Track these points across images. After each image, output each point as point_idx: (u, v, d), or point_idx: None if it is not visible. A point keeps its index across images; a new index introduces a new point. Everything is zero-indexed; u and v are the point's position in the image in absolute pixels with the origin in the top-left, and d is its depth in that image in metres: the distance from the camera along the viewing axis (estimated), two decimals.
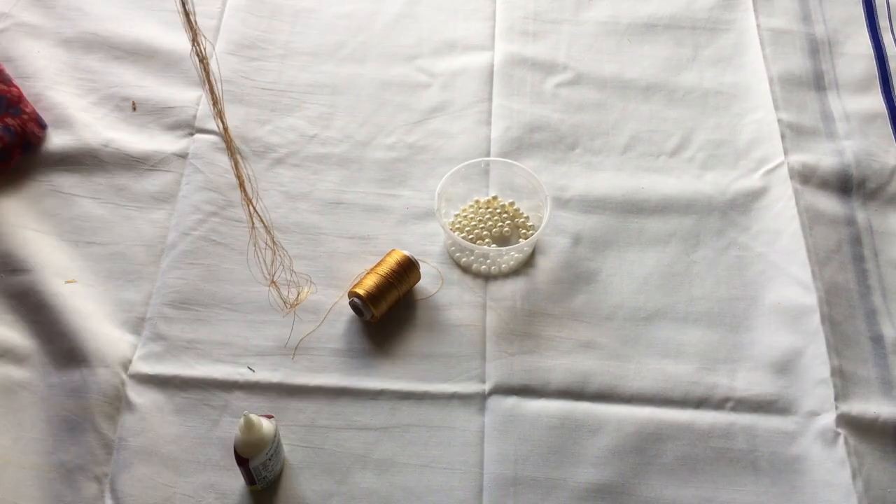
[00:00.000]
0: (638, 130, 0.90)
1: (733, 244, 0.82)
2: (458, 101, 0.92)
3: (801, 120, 0.90)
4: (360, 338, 0.76)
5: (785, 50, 0.96)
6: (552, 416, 0.71)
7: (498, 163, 0.85)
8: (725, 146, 0.89)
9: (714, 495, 0.68)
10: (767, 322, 0.77)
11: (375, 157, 0.88)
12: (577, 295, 0.79)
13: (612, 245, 0.82)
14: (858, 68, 0.95)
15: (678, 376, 0.74)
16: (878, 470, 0.68)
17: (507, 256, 0.80)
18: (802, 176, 0.85)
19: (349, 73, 0.94)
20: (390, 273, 0.75)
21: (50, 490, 0.67)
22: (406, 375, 0.73)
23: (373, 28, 0.98)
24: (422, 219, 0.83)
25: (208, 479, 0.68)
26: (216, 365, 0.73)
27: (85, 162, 0.85)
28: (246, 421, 0.61)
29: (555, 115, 0.91)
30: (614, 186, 0.86)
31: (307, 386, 0.73)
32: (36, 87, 0.90)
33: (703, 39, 0.98)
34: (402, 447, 0.70)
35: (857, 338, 0.76)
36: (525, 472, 0.69)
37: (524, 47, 0.97)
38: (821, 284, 0.77)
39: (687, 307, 0.78)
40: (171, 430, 0.70)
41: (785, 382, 0.73)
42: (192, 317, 0.76)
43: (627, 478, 0.69)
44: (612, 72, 0.95)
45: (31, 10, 0.97)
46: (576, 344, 0.76)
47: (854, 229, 0.83)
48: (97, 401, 0.70)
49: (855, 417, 0.70)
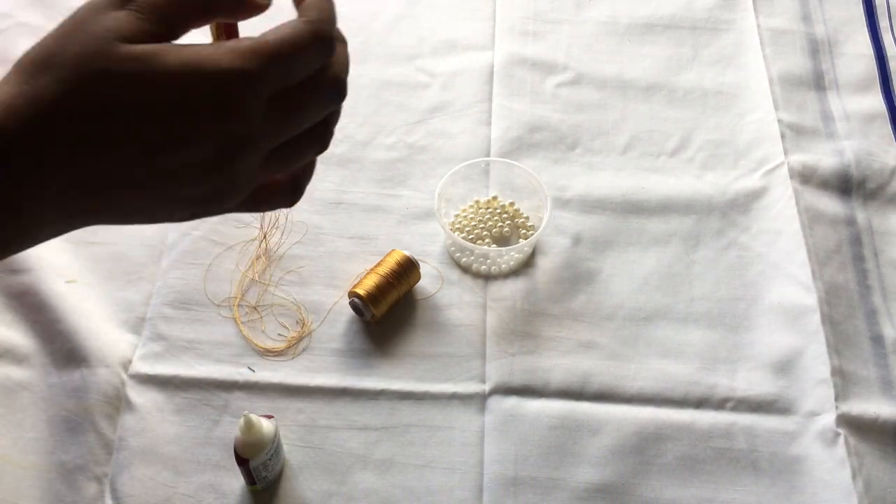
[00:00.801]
0: (638, 130, 0.91)
1: (733, 244, 0.82)
2: (458, 101, 0.92)
3: (801, 120, 0.90)
4: (360, 338, 0.76)
5: (785, 50, 0.96)
6: (552, 416, 0.71)
7: (498, 163, 0.85)
8: (725, 146, 0.89)
9: (714, 495, 0.68)
10: (767, 322, 0.77)
11: (375, 157, 0.88)
12: (577, 295, 0.79)
13: (613, 245, 0.82)
14: (858, 68, 0.95)
15: (678, 376, 0.74)
16: (878, 470, 0.68)
17: (507, 256, 0.80)
18: (802, 176, 0.85)
19: (349, 73, 0.94)
20: (390, 273, 0.75)
21: (50, 490, 0.67)
22: (406, 375, 0.73)
23: (373, 28, 0.99)
24: (422, 219, 0.83)
25: (208, 479, 0.68)
26: (216, 365, 0.73)
27: None
28: (246, 421, 0.61)
29: (555, 115, 0.91)
30: (614, 186, 0.86)
31: (307, 386, 0.73)
32: None
33: (703, 39, 0.99)
34: (402, 447, 0.70)
35: (858, 338, 0.76)
36: (525, 472, 0.69)
37: (524, 47, 0.97)
38: (821, 284, 0.77)
39: (687, 307, 0.78)
40: (171, 430, 0.70)
41: (785, 382, 0.73)
42: (193, 317, 0.76)
43: (627, 478, 0.69)
44: (612, 72, 0.95)
45: (32, 10, 0.97)
46: (576, 344, 0.76)
47: (854, 229, 0.83)
48: (97, 401, 0.70)
49: (855, 417, 0.70)
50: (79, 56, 0.36)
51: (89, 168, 0.37)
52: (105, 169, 0.37)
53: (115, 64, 0.36)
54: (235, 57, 0.36)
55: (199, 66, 0.36)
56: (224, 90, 0.36)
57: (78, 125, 0.36)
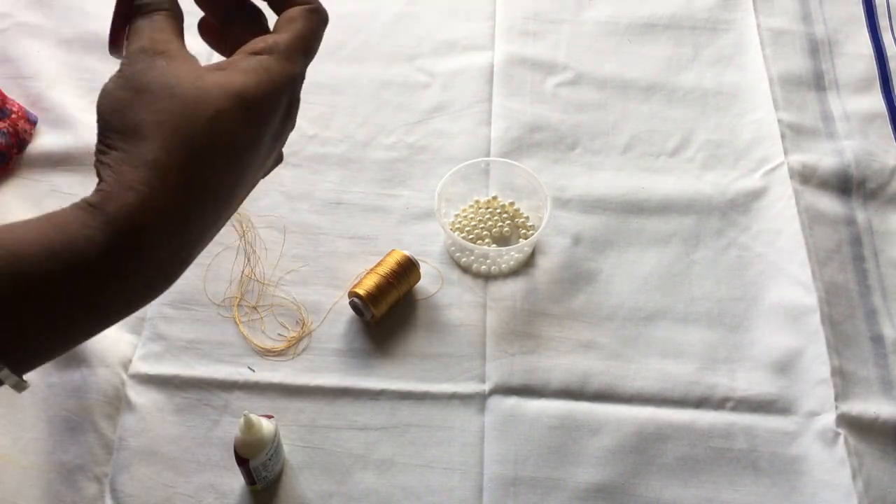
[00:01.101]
0: (638, 130, 0.91)
1: (733, 244, 0.82)
2: (458, 101, 0.92)
3: (801, 120, 0.90)
4: (360, 338, 0.76)
5: (785, 50, 0.96)
6: (552, 416, 0.71)
7: (498, 163, 0.85)
8: (725, 146, 0.89)
9: (714, 495, 0.68)
10: (767, 322, 0.77)
11: (375, 157, 0.88)
12: (577, 295, 0.79)
13: (612, 245, 0.82)
14: (858, 68, 0.95)
15: (678, 376, 0.74)
16: (878, 470, 0.68)
17: (507, 256, 0.80)
18: (802, 176, 0.85)
19: (349, 73, 0.94)
20: (390, 273, 0.75)
21: (50, 490, 0.67)
22: (406, 375, 0.73)
23: (373, 28, 0.99)
24: (422, 219, 0.83)
25: (208, 479, 0.68)
26: (216, 365, 0.73)
27: (85, 162, 0.85)
28: (246, 421, 0.61)
29: (555, 115, 0.91)
30: (614, 186, 0.86)
31: (307, 386, 0.73)
32: (36, 88, 0.90)
33: (703, 39, 0.99)
34: (402, 447, 0.70)
35: (857, 338, 0.76)
36: (525, 472, 0.69)
37: (524, 47, 0.97)
38: (821, 284, 0.77)
39: (687, 307, 0.78)
40: (171, 430, 0.70)
41: (785, 382, 0.73)
42: (193, 317, 0.76)
43: (627, 478, 0.69)
44: (612, 72, 0.95)
45: (32, 10, 0.97)
46: (576, 344, 0.76)
47: (854, 229, 0.83)
48: (97, 401, 0.70)
49: (855, 417, 0.70)
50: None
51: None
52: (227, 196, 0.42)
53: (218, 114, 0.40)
54: (288, 63, 0.42)
55: (273, 84, 0.41)
56: (291, 95, 0.43)
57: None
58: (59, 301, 0.36)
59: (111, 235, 0.36)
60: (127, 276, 0.37)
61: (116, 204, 0.36)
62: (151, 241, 0.37)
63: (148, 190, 0.37)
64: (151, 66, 0.40)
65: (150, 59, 0.40)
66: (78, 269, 0.36)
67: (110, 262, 0.36)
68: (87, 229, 0.36)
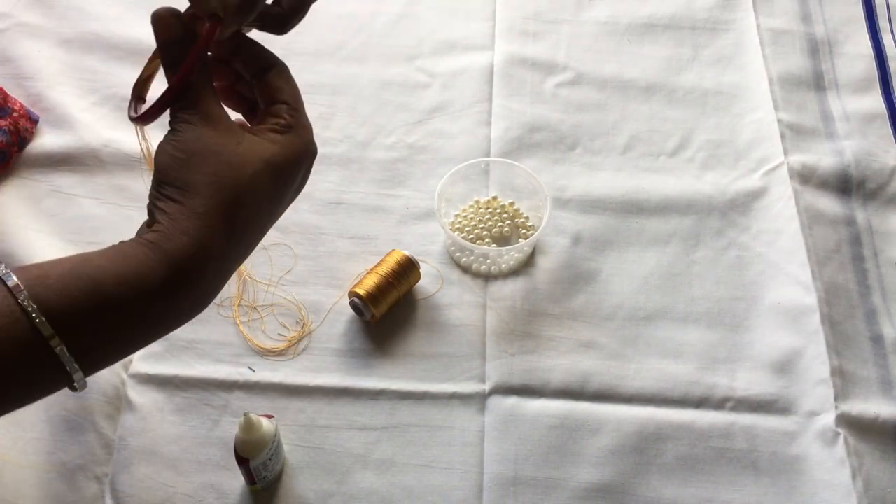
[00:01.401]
0: (638, 130, 0.91)
1: (733, 244, 0.82)
2: (458, 101, 0.92)
3: (801, 120, 0.90)
4: (360, 338, 0.76)
5: (785, 50, 0.96)
6: (552, 416, 0.71)
7: (498, 163, 0.85)
8: (725, 146, 0.89)
9: (714, 495, 0.68)
10: (767, 322, 0.77)
11: (375, 157, 0.88)
12: (577, 295, 0.79)
13: (612, 245, 0.82)
14: (858, 68, 0.95)
15: (678, 376, 0.74)
16: (878, 470, 0.68)
17: (507, 256, 0.80)
18: (802, 176, 0.85)
19: (349, 73, 0.94)
20: (390, 273, 0.75)
21: (50, 490, 0.67)
22: (406, 375, 0.74)
23: (373, 28, 0.99)
24: (422, 219, 0.83)
25: (208, 479, 0.68)
26: (216, 365, 0.73)
27: (85, 162, 0.85)
28: (246, 421, 0.61)
29: (555, 115, 0.91)
30: (614, 186, 0.86)
31: (307, 386, 0.73)
32: (36, 88, 0.90)
33: (703, 39, 0.99)
34: (402, 447, 0.70)
35: (857, 338, 0.76)
36: (525, 472, 0.69)
37: (524, 47, 0.97)
38: (821, 284, 0.77)
39: (687, 307, 0.78)
40: (171, 429, 0.70)
41: (785, 382, 0.73)
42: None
43: (627, 478, 0.69)
44: (612, 72, 0.95)
45: (32, 10, 0.97)
46: (576, 344, 0.76)
47: (854, 229, 0.83)
48: (97, 401, 0.70)
49: (855, 417, 0.70)
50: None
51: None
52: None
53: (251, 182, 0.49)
54: (309, 139, 0.53)
55: (295, 155, 0.52)
56: (309, 161, 0.54)
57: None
58: (128, 319, 0.45)
59: (169, 269, 0.45)
60: (178, 300, 0.46)
61: (173, 245, 0.45)
62: (199, 274, 0.47)
63: (199, 236, 0.46)
64: (201, 135, 0.48)
65: (199, 129, 0.48)
66: (144, 294, 0.45)
67: (168, 290, 0.45)
68: (151, 261, 0.45)
